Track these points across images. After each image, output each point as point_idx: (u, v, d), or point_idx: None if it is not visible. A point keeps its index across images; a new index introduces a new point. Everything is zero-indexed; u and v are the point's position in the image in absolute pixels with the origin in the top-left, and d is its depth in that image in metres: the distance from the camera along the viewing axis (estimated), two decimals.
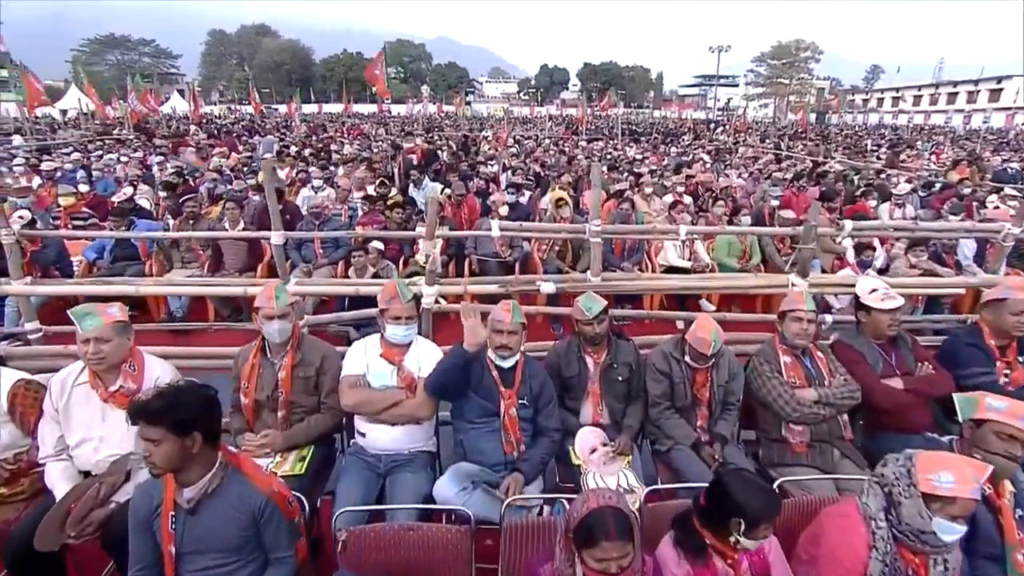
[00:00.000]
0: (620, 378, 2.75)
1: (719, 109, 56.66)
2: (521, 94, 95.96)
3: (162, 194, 6.92)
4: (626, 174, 10.35)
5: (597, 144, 19.96)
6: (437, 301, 3.31)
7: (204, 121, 24.17)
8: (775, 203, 6.09)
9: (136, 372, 2.29)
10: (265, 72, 73.80)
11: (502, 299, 2.69)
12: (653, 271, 5.76)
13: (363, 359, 2.53)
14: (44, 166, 8.58)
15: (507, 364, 2.47)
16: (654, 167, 12.18)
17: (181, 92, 41.25)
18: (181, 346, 4.66)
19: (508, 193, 6.82)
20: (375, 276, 5.11)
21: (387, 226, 6.14)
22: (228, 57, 79.86)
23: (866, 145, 19.94)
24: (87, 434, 2.22)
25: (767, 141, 22.52)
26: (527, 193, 7.68)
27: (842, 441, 2.66)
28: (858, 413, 2.77)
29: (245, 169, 10.14)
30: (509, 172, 10.44)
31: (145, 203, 7.10)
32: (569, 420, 2.73)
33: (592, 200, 4.15)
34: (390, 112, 45.58)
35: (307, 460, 2.42)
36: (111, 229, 5.53)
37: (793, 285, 3.34)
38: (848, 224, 4.41)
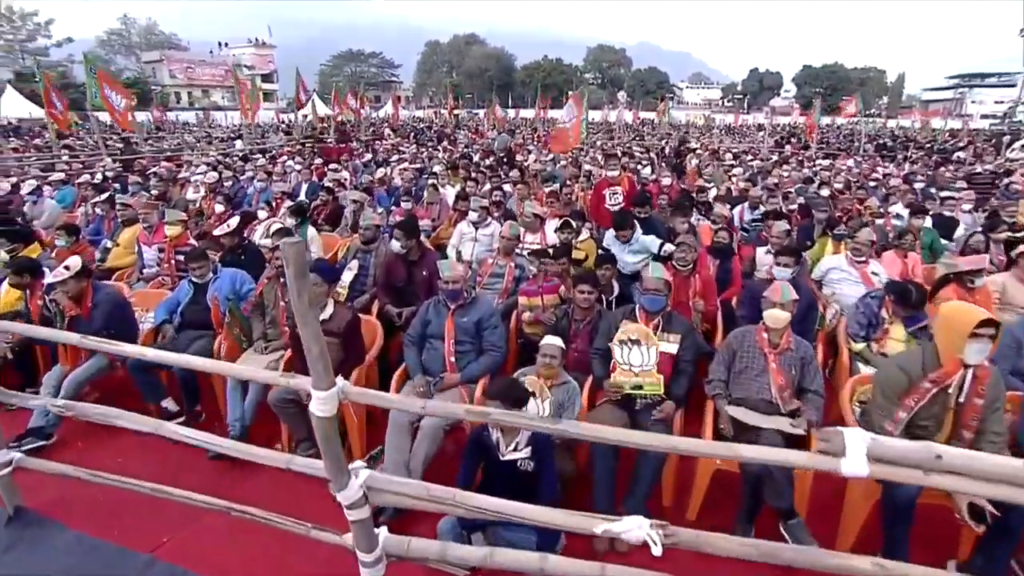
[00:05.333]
0: None
1: (982, 116, 44.04)
2: (725, 100, 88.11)
3: (290, 221, 5.40)
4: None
5: (842, 162, 15.36)
6: None
7: (401, 125, 24.65)
8: None
9: None
10: (471, 78, 77.90)
11: None
12: None
13: None
14: (208, 177, 7.77)
15: None
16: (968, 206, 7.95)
17: (398, 98, 44.61)
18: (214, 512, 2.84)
19: (777, 266, 3.92)
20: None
21: (569, 306, 3.72)
22: (440, 65, 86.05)
23: None
24: None
25: None
26: (805, 257, 4.67)
27: None
28: None
29: (414, 185, 8.50)
30: (745, 207, 7.37)
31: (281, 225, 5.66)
32: None
33: None
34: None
35: None
36: (190, 277, 3.99)
37: None
38: None
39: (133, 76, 57.71)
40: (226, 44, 70.89)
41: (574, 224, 5.02)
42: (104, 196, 6.21)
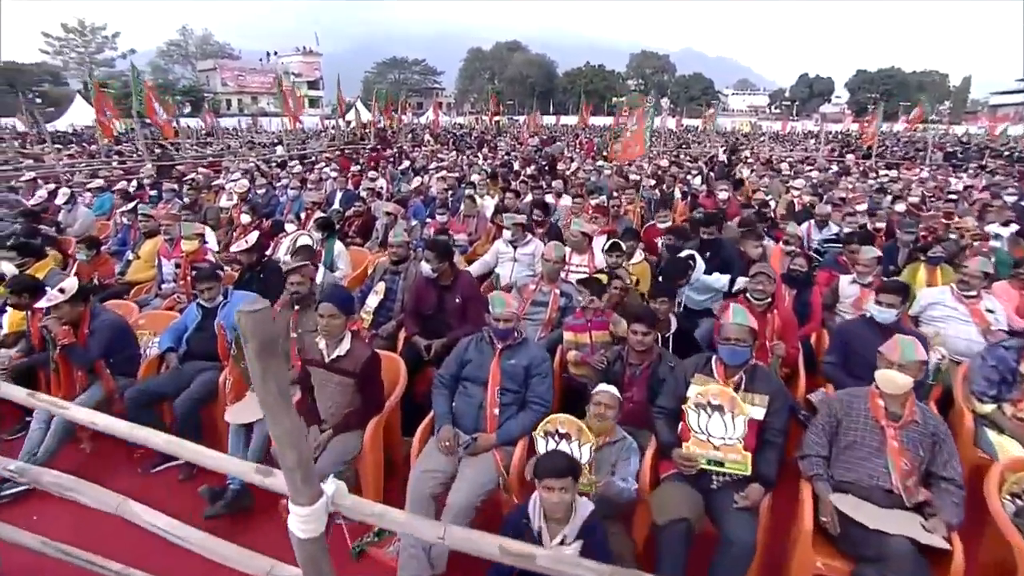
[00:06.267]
0: None
1: None
2: (773, 107, 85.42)
3: (316, 235, 5.01)
4: None
5: (908, 172, 14.18)
6: None
7: (441, 131, 24.47)
8: None
9: None
10: (513, 85, 77.75)
11: None
12: None
13: None
14: (238, 186, 7.48)
15: None
16: None
17: (440, 104, 44.76)
18: None
19: (879, 305, 3.25)
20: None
21: (623, 346, 3.14)
22: (482, 72, 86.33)
23: None
24: None
25: None
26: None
27: None
28: None
29: (451, 195, 8.01)
30: (812, 224, 6.59)
31: (306, 242, 5.28)
32: None
33: None
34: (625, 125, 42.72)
35: None
36: (198, 300, 3.61)
37: None
38: None
39: (188, 84, 60.05)
40: (275, 53, 72.99)
41: (624, 246, 4.42)
42: (130, 205, 5.96)
